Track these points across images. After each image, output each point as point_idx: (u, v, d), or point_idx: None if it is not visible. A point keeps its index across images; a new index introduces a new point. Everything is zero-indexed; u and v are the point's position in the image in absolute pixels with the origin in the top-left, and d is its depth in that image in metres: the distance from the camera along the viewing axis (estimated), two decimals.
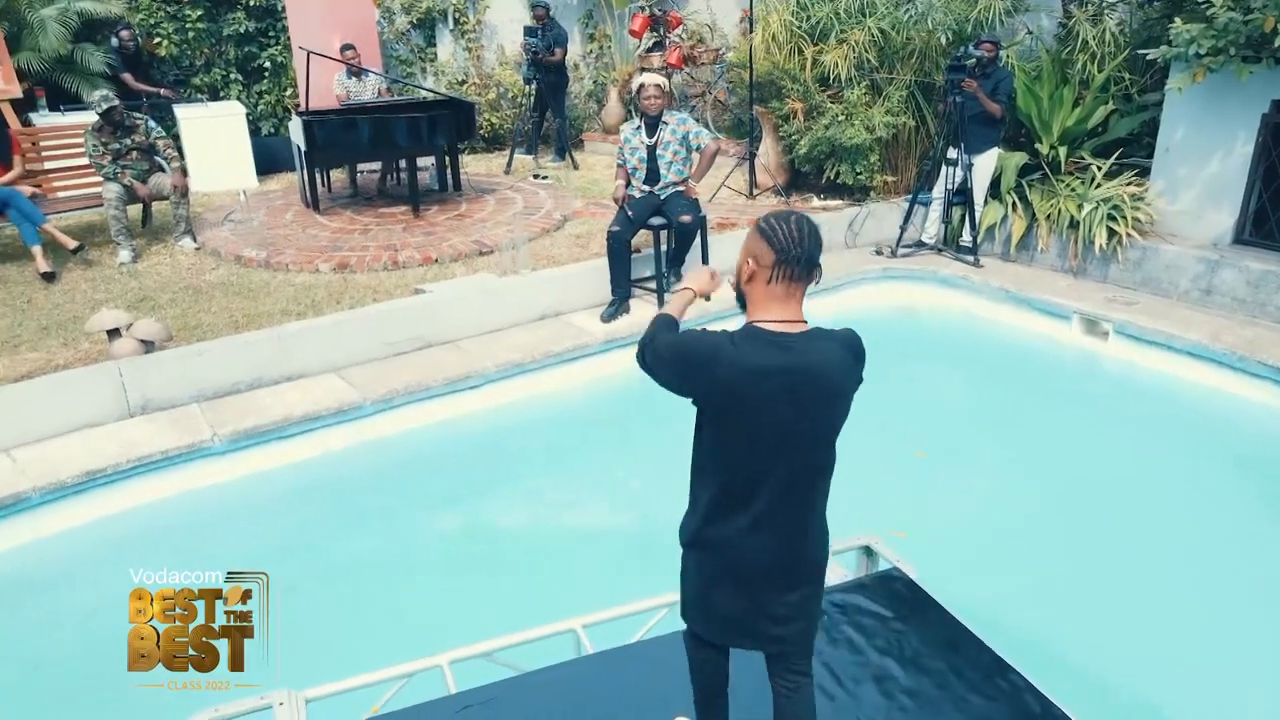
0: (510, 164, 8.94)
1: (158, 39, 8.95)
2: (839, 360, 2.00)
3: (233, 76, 9.30)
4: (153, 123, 6.77)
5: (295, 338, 5.10)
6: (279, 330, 5.13)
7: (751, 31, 7.62)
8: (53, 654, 3.57)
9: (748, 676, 2.49)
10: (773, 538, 2.06)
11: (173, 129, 8.29)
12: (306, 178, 7.51)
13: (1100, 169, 6.54)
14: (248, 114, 8.81)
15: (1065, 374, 5.89)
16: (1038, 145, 6.91)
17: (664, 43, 9.29)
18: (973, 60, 6.47)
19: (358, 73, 8.16)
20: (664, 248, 5.98)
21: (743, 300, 2.07)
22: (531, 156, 9.32)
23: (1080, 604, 3.75)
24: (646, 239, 6.06)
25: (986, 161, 6.80)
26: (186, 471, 4.41)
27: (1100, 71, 6.68)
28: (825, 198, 7.66)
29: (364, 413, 4.84)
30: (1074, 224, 6.49)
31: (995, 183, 6.94)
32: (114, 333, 4.74)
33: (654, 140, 5.81)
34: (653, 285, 6.02)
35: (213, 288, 5.97)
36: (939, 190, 6.96)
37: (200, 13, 8.97)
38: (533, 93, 9.13)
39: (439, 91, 8.84)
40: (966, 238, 6.97)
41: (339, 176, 8.38)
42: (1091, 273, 6.52)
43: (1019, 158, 6.91)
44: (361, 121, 7.18)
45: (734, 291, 2.12)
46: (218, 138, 8.39)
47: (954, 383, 6.04)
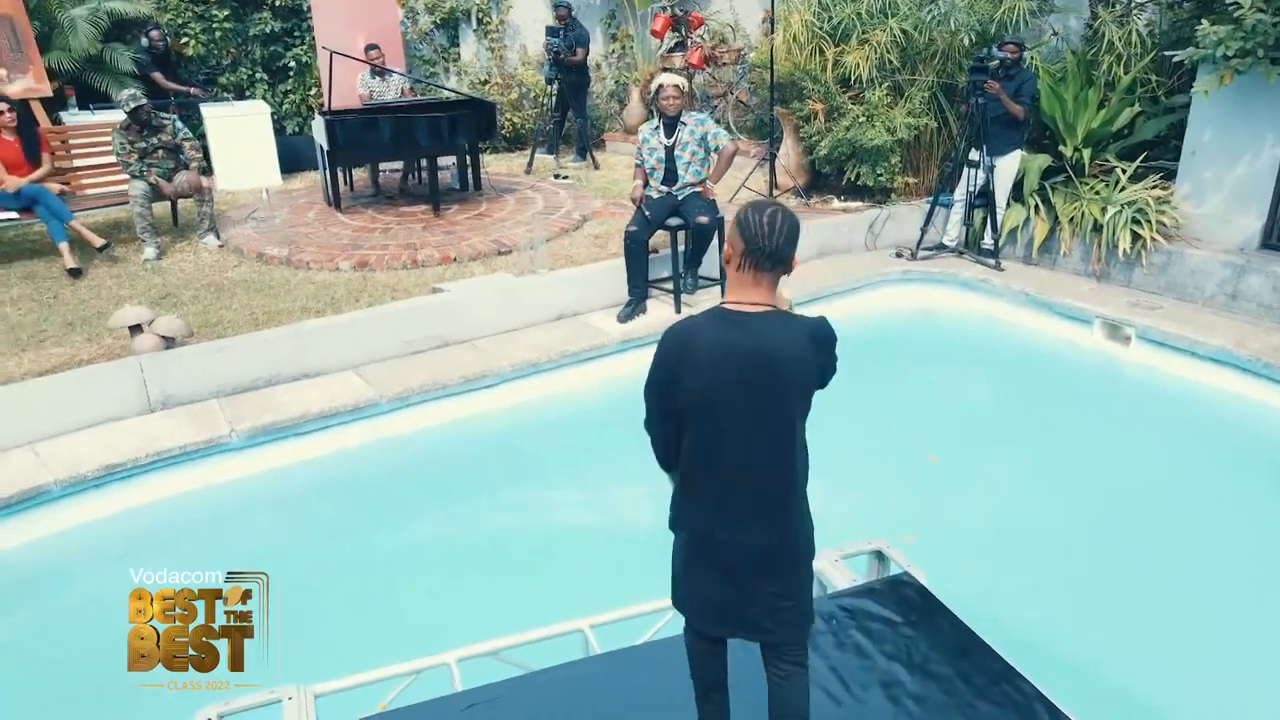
0: (531, 164, 8.98)
1: (185, 38, 9.08)
2: (793, 345, 2.06)
3: (258, 76, 9.41)
4: (179, 123, 6.87)
5: (313, 335, 5.15)
6: (297, 327, 5.18)
7: (772, 32, 7.58)
8: (70, 646, 3.62)
9: (750, 673, 2.49)
10: (741, 524, 2.12)
11: (199, 128, 8.41)
12: (329, 176, 7.58)
13: (1125, 172, 6.46)
14: (272, 113, 8.92)
15: (1085, 379, 5.82)
16: (1061, 147, 6.83)
17: (685, 43, 9.28)
18: (995, 61, 6.41)
19: (381, 72, 8.22)
20: (681, 248, 5.97)
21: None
22: (553, 156, 9.34)
23: (1094, 612, 3.71)
24: (664, 239, 6.05)
25: (1009, 164, 6.73)
26: (204, 467, 4.46)
27: (1126, 73, 6.59)
28: (846, 199, 7.62)
29: (380, 410, 4.87)
30: (1097, 227, 6.41)
31: (1018, 185, 6.87)
32: (136, 329, 4.81)
33: (672, 141, 5.80)
34: (670, 286, 6.02)
35: (234, 285, 6.04)
36: (960, 192, 6.90)
37: (227, 13, 9.09)
38: (554, 93, 9.16)
39: (460, 91, 8.89)
40: (988, 240, 6.91)
41: (361, 175, 8.45)
42: (1114, 277, 6.44)
43: (1042, 160, 6.84)
44: (383, 121, 7.24)
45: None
46: (243, 136, 8.49)
47: (972, 386, 5.99)
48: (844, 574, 3.38)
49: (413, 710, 2.85)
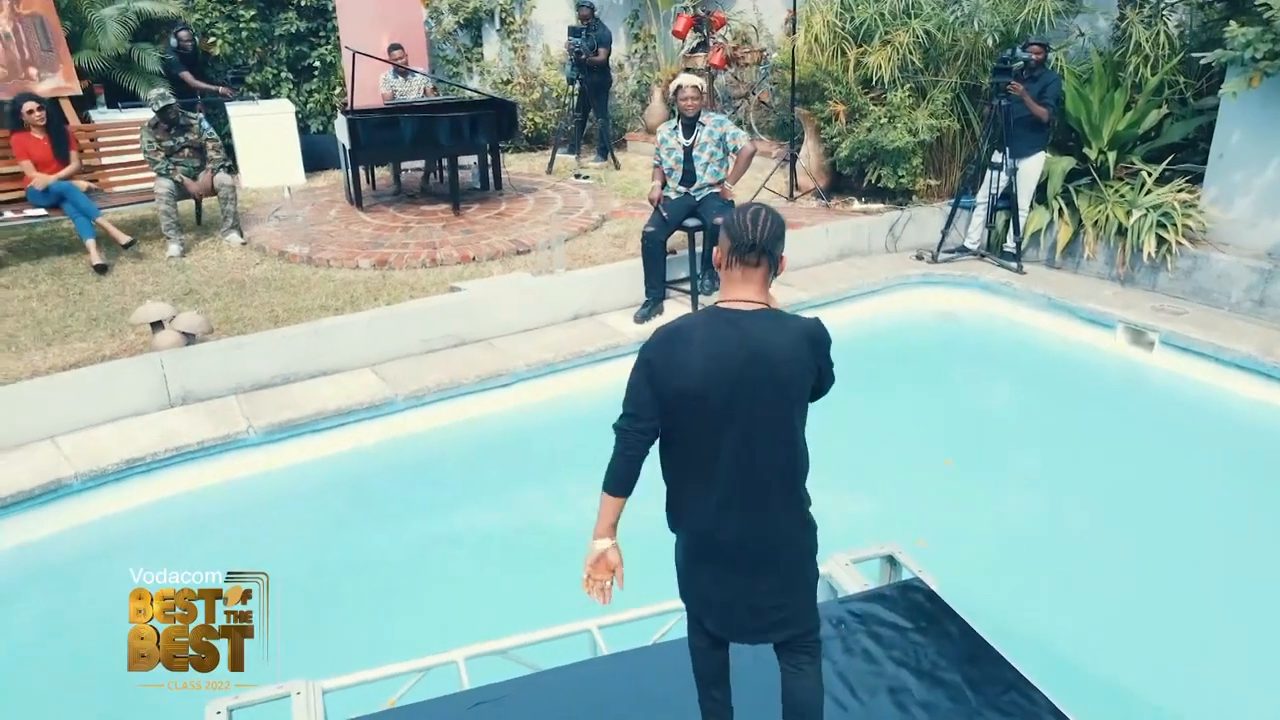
0: (552, 163, 9.00)
1: (213, 38, 9.18)
2: (789, 344, 2.08)
3: (284, 75, 9.50)
4: (205, 123, 6.95)
5: (331, 333, 5.19)
6: (316, 325, 5.22)
7: (794, 32, 7.55)
8: (88, 637, 3.67)
9: (753, 672, 2.48)
10: (742, 523, 2.14)
11: (225, 126, 8.50)
12: (351, 175, 7.64)
13: (1151, 175, 6.37)
14: (297, 112, 9.00)
15: (1107, 385, 5.74)
16: (1086, 150, 6.74)
17: (708, 43, 9.26)
18: (1019, 63, 6.34)
19: (404, 72, 8.27)
20: (699, 249, 5.96)
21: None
22: (574, 156, 9.36)
23: (1111, 623, 3.65)
24: (682, 240, 6.04)
25: (1032, 166, 6.66)
26: (222, 462, 4.50)
27: (1153, 75, 6.49)
28: (866, 201, 7.57)
29: (396, 408, 4.90)
30: (1122, 231, 6.33)
31: (1041, 188, 6.79)
32: (157, 325, 4.87)
33: (691, 141, 5.79)
34: (687, 287, 6.01)
35: (256, 282, 6.10)
36: (983, 195, 6.84)
37: (254, 13, 9.18)
38: (576, 93, 9.17)
39: (481, 91, 8.93)
40: (1010, 244, 6.83)
41: (383, 174, 8.51)
42: (1139, 281, 6.35)
43: (1066, 162, 6.75)
44: (404, 120, 7.28)
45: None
46: (268, 135, 8.58)
47: (991, 391, 5.93)
48: (855, 578, 3.36)
49: (420, 708, 2.86)
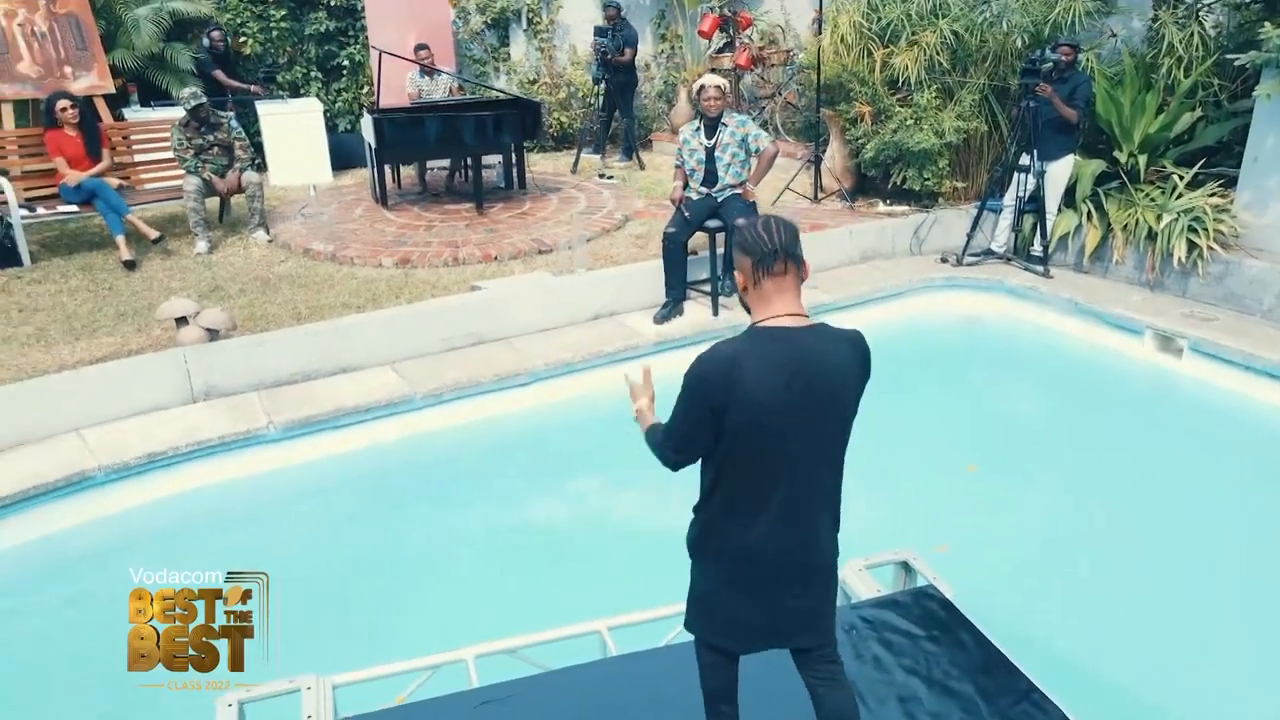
0: (577, 163, 9.01)
1: (244, 38, 9.30)
2: (843, 357, 2.03)
3: (313, 74, 9.59)
4: (235, 122, 7.04)
5: (352, 331, 5.23)
6: (337, 323, 5.27)
7: (820, 33, 7.50)
8: (110, 625, 3.72)
9: (764, 683, 2.46)
10: (784, 540, 2.08)
11: (254, 125, 8.61)
12: (376, 174, 7.70)
13: (1183, 178, 6.25)
14: (326, 111, 9.08)
15: (1134, 392, 5.64)
16: (1117, 153, 6.63)
17: (734, 43, 9.23)
18: (1049, 64, 6.25)
19: (429, 72, 8.32)
20: (720, 250, 5.94)
21: (749, 310, 2.14)
22: (598, 156, 9.36)
23: (1131, 635, 3.58)
24: (703, 241, 6.02)
25: (1061, 169, 6.56)
26: (242, 457, 4.56)
27: (1187, 77, 6.38)
28: (891, 203, 7.50)
29: (414, 406, 4.93)
30: (1152, 235, 6.22)
31: (1070, 191, 6.70)
32: (182, 320, 4.93)
33: (713, 142, 5.77)
34: (708, 288, 5.99)
35: (280, 279, 6.16)
36: (1010, 197, 6.75)
37: (284, 12, 9.29)
38: (602, 92, 9.18)
39: (505, 91, 8.96)
40: (1037, 247, 6.74)
41: (409, 173, 8.56)
42: (1169, 287, 6.23)
43: (1096, 165, 6.65)
44: (429, 120, 7.33)
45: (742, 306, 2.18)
46: (296, 134, 8.67)
47: (1015, 396, 5.85)
48: (868, 584, 3.33)
49: (428, 705, 2.87)
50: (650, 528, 4.32)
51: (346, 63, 9.62)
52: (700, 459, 2.11)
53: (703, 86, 5.71)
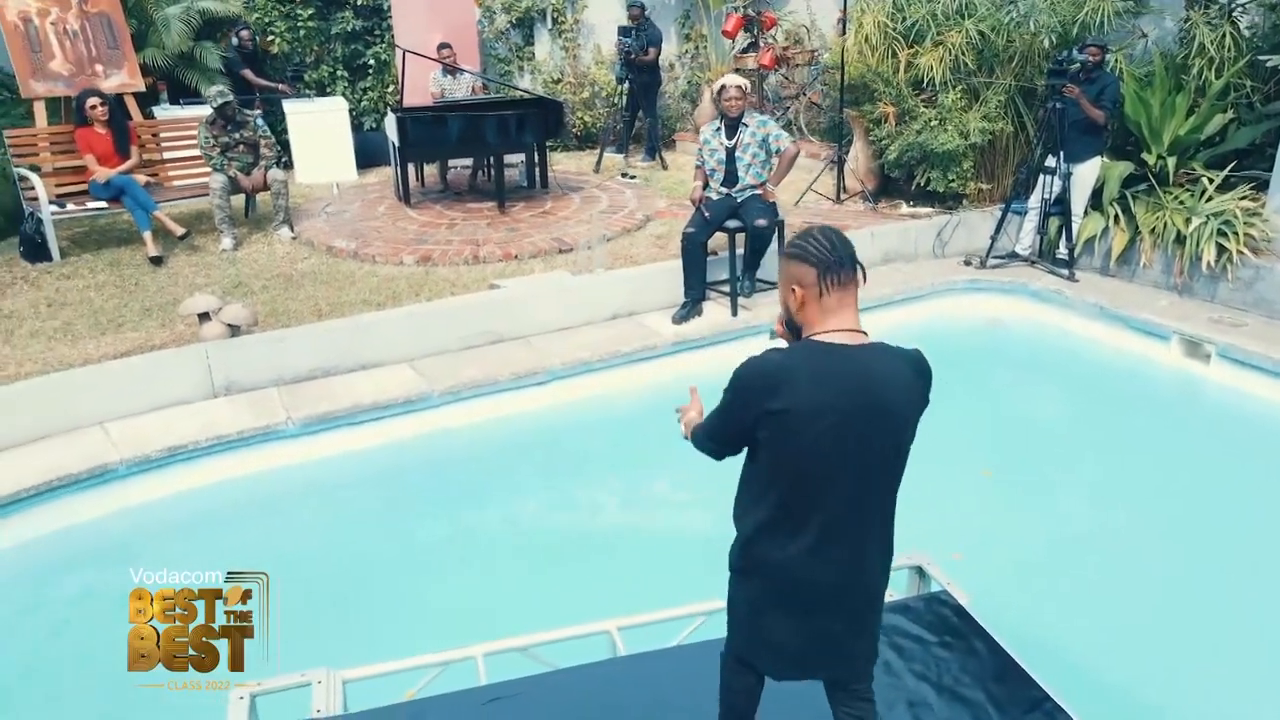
0: (599, 163, 9.02)
1: (272, 36, 9.39)
2: (903, 377, 1.93)
3: (339, 73, 9.67)
4: (260, 121, 7.11)
5: (371, 328, 5.27)
6: (356, 320, 5.31)
7: (844, 33, 7.45)
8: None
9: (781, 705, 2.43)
10: (830, 563, 1.98)
11: (281, 123, 8.69)
12: (399, 172, 7.75)
13: (1212, 181, 6.15)
14: (351, 109, 9.15)
15: (1160, 398, 5.56)
16: (1145, 155, 6.54)
17: (758, 43, 9.20)
18: (1076, 64, 6.17)
19: (452, 71, 8.36)
20: (740, 251, 5.92)
21: (797, 332, 2.02)
22: (622, 156, 9.36)
23: (1150, 647, 3.52)
24: (723, 241, 6.00)
25: (1088, 171, 6.47)
26: (261, 452, 4.60)
27: (1218, 78, 6.27)
28: (914, 204, 7.44)
29: (431, 403, 4.95)
30: (1180, 239, 6.12)
31: (1097, 193, 6.60)
32: (204, 316, 5.00)
33: (733, 142, 5.75)
34: (727, 288, 5.97)
35: (303, 276, 6.22)
36: (1035, 199, 6.67)
37: (311, 11, 9.37)
38: (625, 92, 9.18)
39: (527, 90, 8.98)
40: (1062, 250, 6.66)
41: (432, 172, 8.61)
42: (1197, 292, 6.13)
43: (1124, 167, 6.56)
44: (452, 119, 7.36)
45: (785, 329, 2.09)
46: (321, 132, 8.73)
47: (1037, 401, 5.78)
48: None
49: (437, 701, 2.88)
50: (663, 529, 4.32)
51: (372, 62, 9.69)
52: (745, 474, 2.04)
53: (723, 87, 5.70)
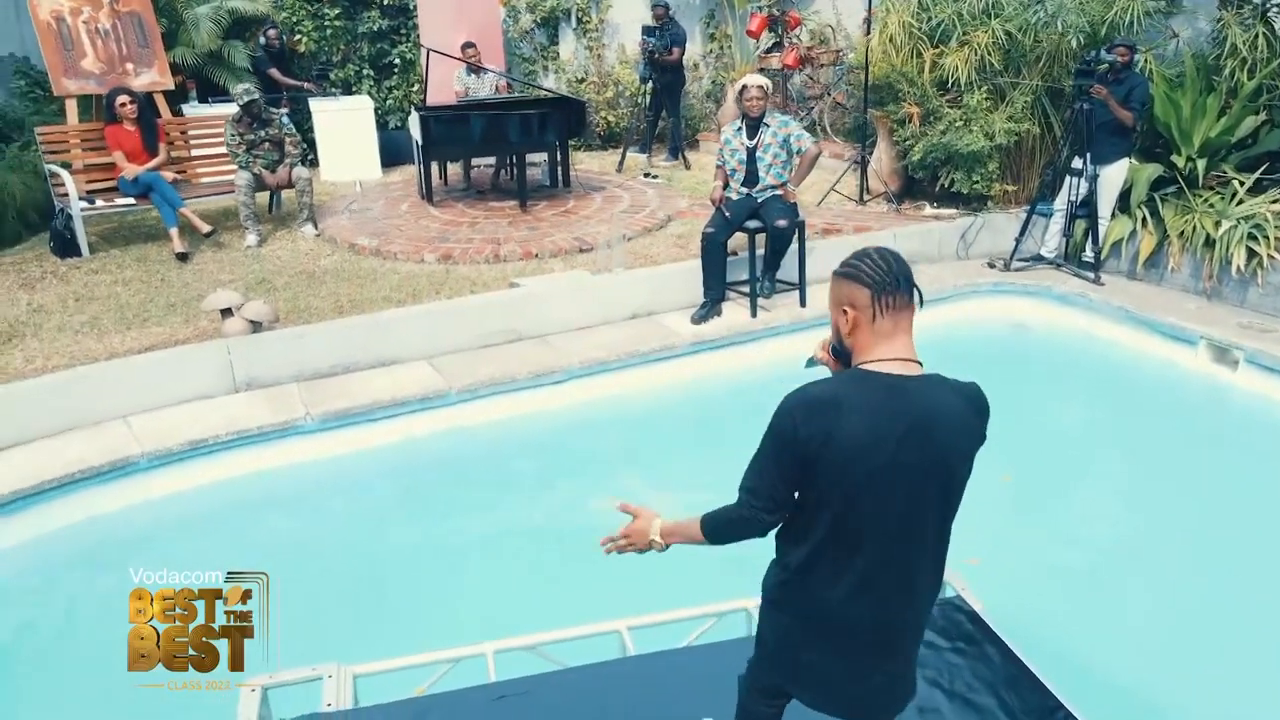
0: (622, 162, 9.03)
1: (299, 35, 9.49)
2: (960, 413, 1.81)
3: (365, 72, 9.75)
4: (286, 119, 7.18)
5: (391, 325, 5.30)
6: (376, 317, 5.34)
7: (869, 33, 7.40)
8: None
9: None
10: (878, 605, 1.87)
11: (307, 121, 8.78)
12: (422, 170, 7.79)
13: (1243, 184, 6.04)
14: (377, 108, 9.22)
15: (1186, 404, 5.46)
16: (1174, 157, 6.43)
17: (783, 43, 9.15)
18: (1104, 65, 6.08)
19: (476, 70, 8.40)
20: (760, 251, 5.89)
21: (848, 359, 1.90)
22: (644, 155, 9.36)
23: (1169, 658, 3.45)
24: (743, 242, 5.98)
25: (1115, 173, 6.38)
26: (280, 447, 4.64)
27: (1250, 79, 6.15)
28: (938, 206, 7.37)
29: (448, 401, 4.97)
30: (1210, 242, 6.02)
31: (1124, 196, 6.51)
32: (226, 312, 5.05)
33: (754, 142, 5.73)
34: (746, 289, 5.94)
35: (325, 273, 6.27)
36: (1061, 201, 6.58)
37: (338, 11, 9.45)
38: (649, 91, 9.17)
39: (549, 89, 9.00)
40: (1088, 253, 6.57)
41: (455, 170, 8.65)
42: (1227, 296, 6.02)
43: (1152, 169, 6.46)
44: (474, 117, 7.40)
45: (830, 356, 1.99)
46: (347, 130, 8.82)
47: (1059, 406, 5.70)
48: None
49: (446, 697, 2.89)
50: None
51: (398, 61, 9.76)
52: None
53: (745, 86, 5.68)
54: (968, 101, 6.87)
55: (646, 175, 8.68)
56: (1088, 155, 6.28)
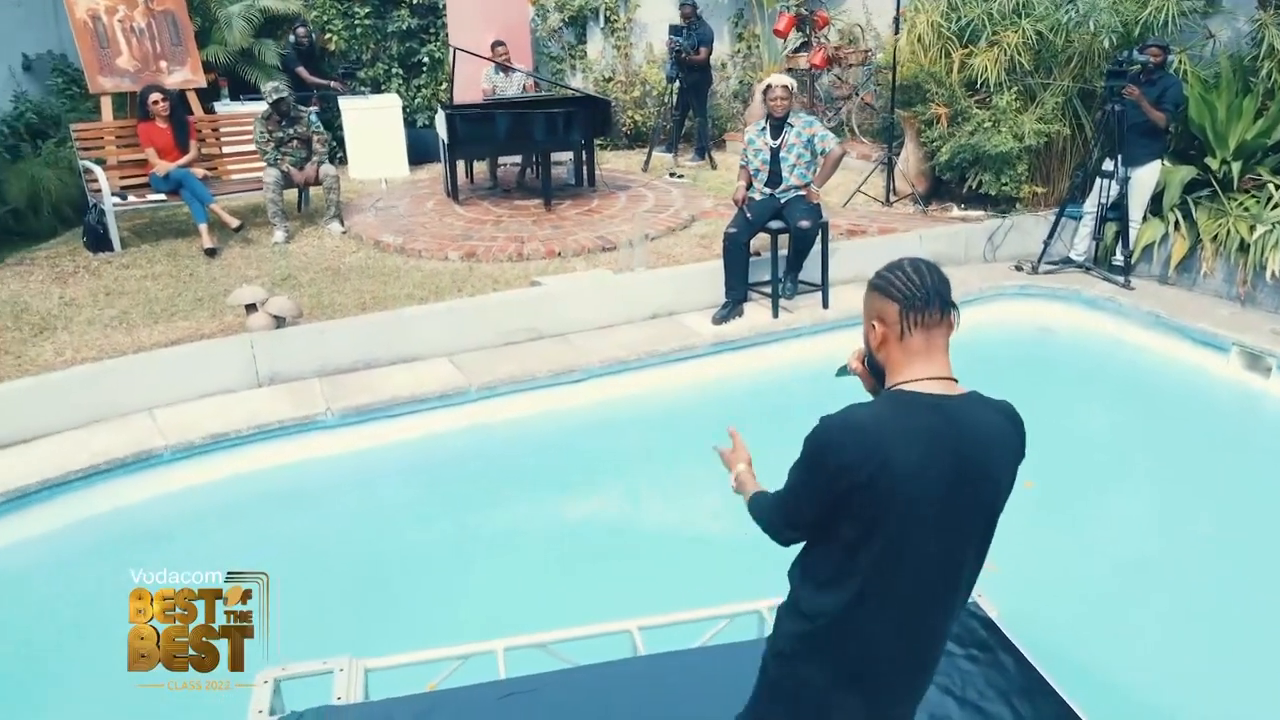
0: (648, 161, 9.02)
1: (329, 34, 9.58)
2: (1002, 432, 1.71)
3: (394, 70, 9.82)
4: (314, 117, 7.25)
5: (413, 322, 5.33)
6: (398, 314, 5.38)
7: (896, 33, 7.33)
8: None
9: None
10: (911, 644, 1.77)
11: (336, 119, 8.86)
12: (448, 168, 7.84)
13: (1279, 188, 5.91)
14: (405, 106, 9.29)
15: (1217, 412, 5.36)
16: (1209, 159, 6.31)
17: (811, 43, 9.10)
18: (1136, 66, 5.98)
19: (505, 68, 8.43)
20: (782, 252, 5.86)
21: (880, 373, 1.80)
22: (671, 155, 9.35)
23: (1192, 673, 3.38)
24: (766, 242, 5.95)
25: (1147, 175, 6.28)
26: (301, 441, 4.68)
27: None
28: (966, 207, 7.29)
29: (468, 398, 4.99)
30: (1244, 247, 5.90)
31: (1156, 198, 6.40)
32: (251, 307, 5.11)
33: (778, 142, 5.70)
34: (768, 289, 5.91)
35: (349, 270, 6.32)
36: (1091, 204, 6.48)
37: (368, 10, 9.52)
38: (676, 91, 9.16)
39: (574, 89, 9.00)
40: (1118, 257, 6.46)
41: (481, 169, 8.69)
42: (1261, 302, 5.90)
43: (1185, 172, 6.34)
44: (500, 116, 7.42)
45: (864, 368, 1.89)
46: (375, 128, 8.89)
47: (1086, 412, 5.61)
48: None
49: (455, 693, 2.90)
50: (691, 531, 4.30)
51: (427, 60, 9.82)
52: (813, 551, 1.80)
53: (769, 86, 5.65)
54: (997, 102, 6.78)
55: (672, 175, 8.66)
56: (1119, 157, 6.18)
